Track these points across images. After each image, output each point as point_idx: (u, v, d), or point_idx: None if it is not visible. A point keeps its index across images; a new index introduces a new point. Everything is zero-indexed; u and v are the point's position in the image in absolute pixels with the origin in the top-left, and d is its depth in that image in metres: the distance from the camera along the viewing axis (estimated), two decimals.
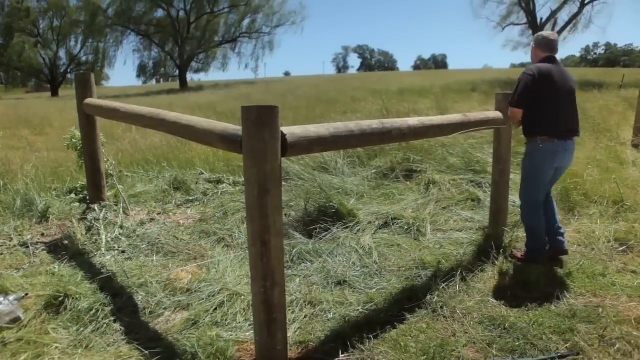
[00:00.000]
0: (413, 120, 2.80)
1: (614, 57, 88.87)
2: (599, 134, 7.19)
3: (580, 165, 4.84)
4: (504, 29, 28.35)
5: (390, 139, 2.61)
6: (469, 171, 5.20)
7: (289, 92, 18.88)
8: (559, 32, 25.47)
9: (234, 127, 2.10)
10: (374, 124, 2.44)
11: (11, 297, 2.67)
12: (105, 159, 4.47)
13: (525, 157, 3.12)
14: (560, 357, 2.20)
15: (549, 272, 3.06)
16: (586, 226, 3.81)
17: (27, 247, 3.55)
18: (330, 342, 2.34)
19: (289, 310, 2.57)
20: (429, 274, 3.03)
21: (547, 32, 3.10)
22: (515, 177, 4.50)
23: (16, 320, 2.50)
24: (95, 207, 4.19)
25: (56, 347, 2.29)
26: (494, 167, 3.57)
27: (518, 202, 4.23)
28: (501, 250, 3.29)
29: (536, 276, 2.92)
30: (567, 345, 2.29)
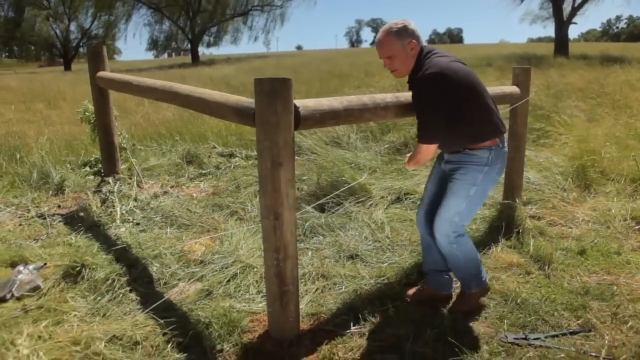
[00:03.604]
0: None
1: (638, 31, 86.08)
2: (619, 110, 7.02)
3: (598, 142, 4.75)
4: (522, 1, 27.44)
5: (404, 113, 2.57)
6: None
7: (302, 66, 18.69)
8: (580, 5, 24.60)
9: (247, 100, 2.08)
10: (388, 97, 2.40)
11: (31, 267, 2.74)
12: (119, 133, 4.49)
13: (475, 171, 2.18)
14: (572, 333, 2.20)
15: (562, 249, 3.04)
16: (602, 204, 3.75)
17: (45, 218, 3.62)
18: (341, 314, 2.36)
19: (301, 282, 2.60)
20: None
21: (398, 20, 2.20)
22: (529, 153, 4.44)
23: (36, 288, 2.57)
24: (110, 179, 4.23)
25: (75, 315, 2.35)
26: (508, 144, 3.50)
27: (533, 178, 4.22)
28: (514, 227, 3.27)
29: (549, 253, 2.90)
30: (578, 322, 2.29)
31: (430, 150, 2.17)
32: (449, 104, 2.06)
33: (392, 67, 2.21)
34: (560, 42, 22.12)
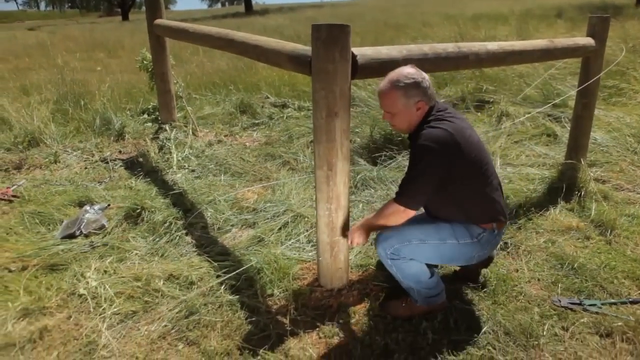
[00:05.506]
0: (492, 45, 2.59)
1: None
2: None
3: None
4: None
5: (466, 65, 2.44)
6: (547, 104, 4.84)
7: (357, 16, 18.06)
8: None
9: (303, 47, 2.03)
10: (449, 47, 2.28)
11: (96, 207, 2.92)
12: (175, 81, 4.57)
13: (464, 233, 1.88)
14: (632, 302, 2.10)
15: (627, 215, 2.86)
16: None
17: (107, 162, 3.81)
18: None
19: None
20: None
21: (411, 71, 1.79)
22: (597, 112, 4.13)
23: (101, 227, 2.74)
24: (166, 127, 4.36)
25: (136, 254, 2.50)
26: (577, 101, 3.27)
27: (600, 138, 3.95)
28: (576, 190, 3.11)
29: (612, 218, 2.75)
30: None
31: (406, 215, 1.81)
32: (449, 172, 1.73)
33: (392, 122, 1.86)
34: None
